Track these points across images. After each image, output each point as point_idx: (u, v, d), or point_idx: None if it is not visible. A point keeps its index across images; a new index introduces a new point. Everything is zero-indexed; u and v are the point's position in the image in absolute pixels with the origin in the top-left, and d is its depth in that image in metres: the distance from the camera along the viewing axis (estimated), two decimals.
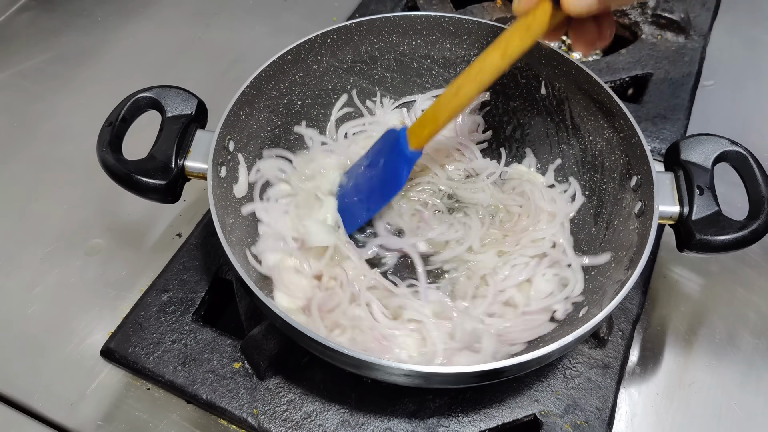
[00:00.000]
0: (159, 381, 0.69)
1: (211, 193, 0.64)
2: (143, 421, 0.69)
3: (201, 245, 0.79)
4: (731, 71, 1.04)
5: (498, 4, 1.07)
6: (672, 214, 0.65)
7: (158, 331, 0.72)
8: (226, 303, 0.79)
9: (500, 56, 0.61)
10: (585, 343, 0.72)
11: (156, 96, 0.69)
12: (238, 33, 1.11)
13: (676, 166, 0.68)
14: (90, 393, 0.71)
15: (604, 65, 1.00)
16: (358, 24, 0.79)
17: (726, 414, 0.70)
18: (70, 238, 0.83)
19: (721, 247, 0.63)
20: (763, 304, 0.78)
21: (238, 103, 0.71)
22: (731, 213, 0.65)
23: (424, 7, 1.07)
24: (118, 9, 1.14)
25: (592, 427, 0.66)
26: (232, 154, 0.72)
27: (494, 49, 0.62)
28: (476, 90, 0.64)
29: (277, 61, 0.75)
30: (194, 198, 0.87)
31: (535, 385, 0.69)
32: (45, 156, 0.93)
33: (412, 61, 0.85)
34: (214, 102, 0.73)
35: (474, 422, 0.67)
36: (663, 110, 0.94)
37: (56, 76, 1.03)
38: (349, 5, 1.14)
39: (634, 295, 0.76)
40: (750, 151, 0.67)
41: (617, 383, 0.69)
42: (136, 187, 0.65)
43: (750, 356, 0.74)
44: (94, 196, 0.87)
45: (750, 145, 0.68)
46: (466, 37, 0.82)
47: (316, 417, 0.66)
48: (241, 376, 0.69)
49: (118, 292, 0.78)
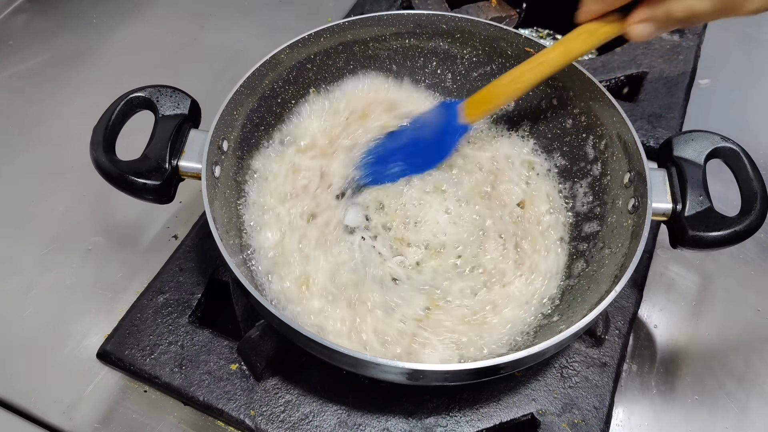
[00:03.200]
0: (156, 383, 0.69)
1: (205, 193, 0.64)
2: (140, 424, 0.69)
3: (197, 247, 0.79)
4: (726, 70, 1.04)
5: (493, 4, 1.07)
6: (665, 210, 0.66)
7: (155, 333, 0.72)
8: (223, 304, 0.79)
9: (561, 54, 0.68)
10: (582, 342, 0.72)
11: (149, 96, 0.69)
12: (233, 34, 1.11)
13: (669, 162, 0.68)
14: (86, 396, 0.70)
15: (599, 64, 1.00)
16: (351, 23, 0.79)
17: (723, 412, 0.70)
18: (67, 240, 0.83)
19: (714, 243, 0.64)
20: (759, 302, 0.78)
21: (232, 103, 0.71)
22: (726, 210, 0.65)
23: (419, 7, 1.07)
24: (113, 10, 1.14)
25: (590, 425, 0.66)
26: (226, 153, 0.72)
27: (557, 46, 0.68)
28: (535, 80, 0.70)
29: (271, 60, 0.75)
30: (190, 199, 0.87)
31: (532, 384, 0.69)
32: (40, 158, 0.92)
33: (406, 59, 0.85)
34: (209, 103, 0.73)
35: (471, 422, 0.67)
36: (658, 109, 0.94)
37: (51, 77, 1.03)
38: (344, 6, 1.14)
39: (630, 293, 0.76)
40: (742, 147, 0.67)
41: (614, 382, 0.69)
42: (129, 187, 0.65)
43: (746, 355, 0.74)
44: (89, 198, 0.87)
45: (745, 143, 0.68)
46: (459, 35, 0.82)
47: (314, 418, 0.66)
48: (238, 377, 0.69)
49: (115, 294, 0.78)
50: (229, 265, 0.59)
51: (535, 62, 0.69)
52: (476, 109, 0.75)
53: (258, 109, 0.77)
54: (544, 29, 1.14)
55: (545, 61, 0.69)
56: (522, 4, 1.08)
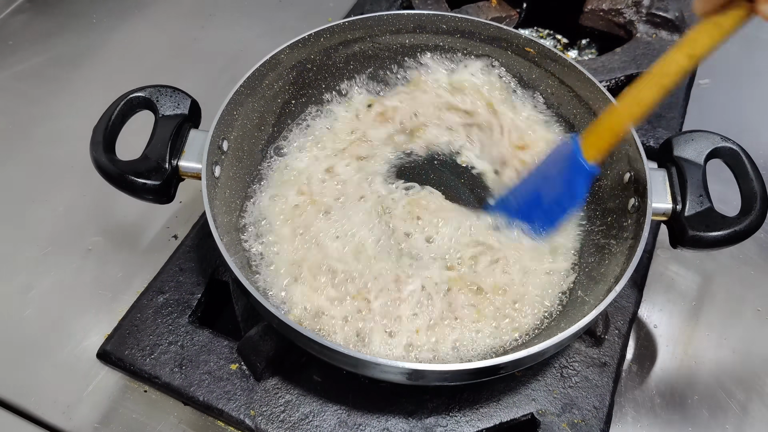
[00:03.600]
0: (156, 383, 0.69)
1: (205, 193, 0.64)
2: (140, 424, 0.69)
3: (197, 247, 0.79)
4: (726, 70, 1.04)
5: (493, 4, 1.07)
6: (665, 210, 0.66)
7: (155, 333, 0.72)
8: (223, 304, 0.79)
9: (686, 57, 0.59)
10: (582, 342, 0.72)
11: (149, 96, 0.69)
12: (234, 34, 1.11)
13: (669, 162, 0.68)
14: (87, 396, 0.70)
15: (599, 65, 1.00)
16: (351, 23, 0.79)
17: (723, 411, 0.70)
18: (67, 240, 0.83)
19: (714, 243, 0.64)
20: (759, 302, 0.78)
21: (231, 103, 0.71)
22: (726, 210, 0.65)
23: (419, 7, 1.07)
24: (113, 10, 1.14)
25: (590, 425, 0.66)
26: (226, 153, 0.72)
27: (678, 50, 0.59)
28: (659, 95, 0.61)
29: (271, 60, 0.75)
30: (190, 199, 0.87)
31: (532, 384, 0.69)
32: (41, 158, 0.92)
33: (405, 59, 0.85)
34: (209, 103, 0.73)
35: (471, 422, 0.67)
36: (658, 109, 0.93)
37: (52, 78, 1.03)
38: (344, 6, 1.14)
39: (630, 293, 0.76)
40: (742, 147, 0.67)
41: (614, 382, 0.69)
42: (129, 187, 0.65)
43: (747, 354, 0.74)
44: (90, 198, 0.87)
45: (745, 143, 0.68)
46: (459, 35, 0.82)
47: (314, 418, 0.66)
48: (238, 377, 0.69)
49: (115, 294, 0.78)
50: (229, 265, 0.59)
51: (654, 77, 0.60)
52: (597, 147, 0.66)
53: (258, 109, 0.77)
54: (544, 29, 1.14)
55: (667, 72, 0.59)
56: (522, 4, 1.08)
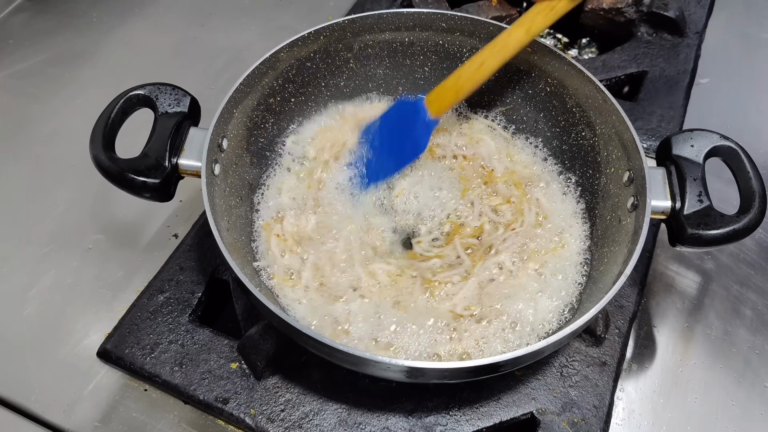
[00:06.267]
0: (156, 382, 0.69)
1: (205, 191, 0.64)
2: (140, 422, 0.69)
3: (197, 245, 0.79)
4: (726, 69, 1.04)
5: (493, 3, 1.07)
6: (664, 208, 0.66)
7: (155, 332, 0.72)
8: (223, 303, 0.79)
9: (524, 32, 0.68)
10: (582, 341, 0.72)
11: (148, 93, 0.69)
12: (234, 33, 1.11)
13: (668, 161, 0.68)
14: (87, 394, 0.71)
15: (599, 63, 1.00)
16: (351, 21, 0.79)
17: (723, 411, 0.70)
18: (67, 239, 0.83)
19: (713, 242, 0.64)
20: (759, 301, 0.78)
21: (231, 101, 0.71)
22: (726, 209, 0.65)
23: (419, 6, 1.07)
24: (113, 9, 1.14)
25: (590, 424, 0.66)
26: (225, 151, 0.72)
27: (518, 26, 0.69)
28: (498, 64, 0.70)
29: (270, 58, 0.75)
30: (190, 197, 0.87)
31: (532, 383, 0.69)
32: (41, 157, 0.92)
33: (405, 58, 0.85)
34: (209, 101, 0.73)
35: (471, 420, 0.67)
36: (658, 108, 0.94)
37: (52, 77, 1.03)
38: (345, 5, 1.14)
39: (630, 292, 0.76)
40: (741, 146, 0.67)
41: (614, 381, 0.69)
42: (129, 185, 0.65)
43: (746, 353, 0.74)
44: (90, 197, 0.87)
45: (744, 142, 0.68)
46: (458, 33, 0.82)
47: (314, 416, 0.66)
48: (239, 376, 0.69)
49: (115, 293, 0.78)
50: (229, 264, 0.59)
51: (497, 47, 0.70)
52: (440, 103, 0.74)
53: (258, 107, 0.77)
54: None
55: (508, 43, 0.69)
56: (522, 3, 1.08)
